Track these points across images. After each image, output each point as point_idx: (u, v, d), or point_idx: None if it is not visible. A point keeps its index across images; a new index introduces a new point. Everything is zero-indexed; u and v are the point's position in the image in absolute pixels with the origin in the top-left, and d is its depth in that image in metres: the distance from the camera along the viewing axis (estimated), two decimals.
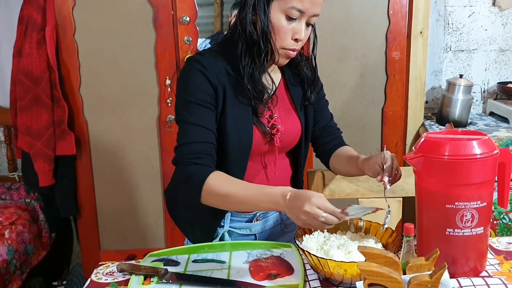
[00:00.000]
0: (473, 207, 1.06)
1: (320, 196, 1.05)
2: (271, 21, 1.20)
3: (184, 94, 1.23)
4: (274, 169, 1.36)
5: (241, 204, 1.17)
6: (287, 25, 1.20)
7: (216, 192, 1.17)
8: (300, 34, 1.21)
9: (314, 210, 1.02)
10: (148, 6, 2.19)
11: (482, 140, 1.07)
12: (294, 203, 1.06)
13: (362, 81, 2.27)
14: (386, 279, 0.83)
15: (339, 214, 1.05)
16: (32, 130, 2.21)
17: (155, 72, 2.26)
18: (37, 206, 2.57)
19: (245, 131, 1.26)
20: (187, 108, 1.22)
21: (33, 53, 2.16)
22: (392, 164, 1.20)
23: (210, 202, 1.20)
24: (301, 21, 1.21)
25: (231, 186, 1.17)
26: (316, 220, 1.03)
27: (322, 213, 1.03)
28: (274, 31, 1.21)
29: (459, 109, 2.40)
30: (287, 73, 1.37)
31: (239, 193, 1.15)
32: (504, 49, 2.63)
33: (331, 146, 1.46)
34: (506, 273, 1.11)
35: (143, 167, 2.35)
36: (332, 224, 1.05)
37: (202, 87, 1.21)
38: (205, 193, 1.17)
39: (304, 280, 1.11)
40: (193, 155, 1.20)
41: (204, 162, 1.20)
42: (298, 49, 1.26)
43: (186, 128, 1.22)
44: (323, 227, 1.07)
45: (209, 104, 1.22)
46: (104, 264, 1.27)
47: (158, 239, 2.44)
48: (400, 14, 2.21)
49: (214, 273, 1.17)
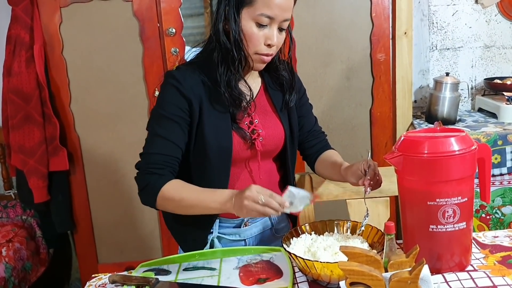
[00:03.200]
0: (454, 202, 1.08)
1: (261, 187, 1.13)
2: (242, 29, 1.23)
3: (158, 107, 1.29)
4: (259, 173, 1.38)
5: (194, 207, 1.23)
6: (258, 32, 1.23)
7: (171, 197, 1.24)
8: (272, 39, 1.23)
9: (254, 193, 1.10)
10: (134, 20, 2.22)
11: (460, 136, 1.09)
12: (237, 196, 1.14)
13: (348, 84, 2.29)
14: (367, 277, 0.85)
15: (278, 197, 1.12)
16: (25, 147, 2.23)
17: (143, 84, 2.28)
18: (34, 223, 2.58)
19: (224, 138, 1.29)
20: (158, 120, 1.28)
21: (23, 71, 2.18)
22: (374, 169, 1.23)
23: (166, 207, 1.28)
24: (272, 27, 1.23)
25: (184, 191, 1.24)
26: (257, 204, 1.10)
27: (261, 195, 1.10)
28: (246, 38, 1.23)
29: (447, 106, 2.42)
30: (266, 78, 1.39)
31: (191, 197, 1.23)
32: (489, 45, 2.66)
33: (316, 150, 1.48)
34: (491, 266, 1.12)
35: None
36: (273, 207, 1.10)
37: (175, 102, 1.26)
38: (160, 199, 1.25)
39: (292, 282, 1.13)
40: (154, 165, 1.26)
41: (163, 172, 1.26)
42: (272, 53, 1.27)
43: (153, 139, 1.29)
44: (265, 211, 1.11)
45: (180, 118, 1.27)
46: (97, 277, 1.29)
47: (155, 250, 2.46)
48: (383, 16, 2.24)
49: (204, 280, 1.18)
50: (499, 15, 2.61)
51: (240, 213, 1.15)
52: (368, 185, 1.21)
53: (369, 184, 1.21)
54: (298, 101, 1.45)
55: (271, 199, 1.11)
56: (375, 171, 1.23)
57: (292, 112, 1.42)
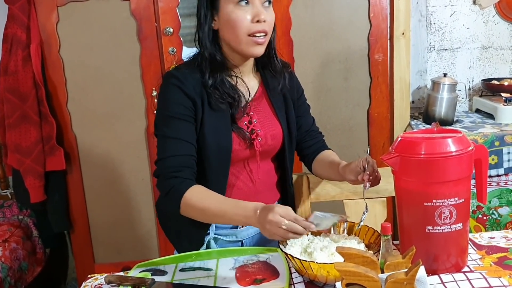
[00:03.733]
0: (451, 203, 1.08)
1: (286, 207, 1.09)
2: (225, 19, 1.22)
3: (163, 109, 1.27)
4: (258, 173, 1.37)
5: (217, 218, 1.22)
6: (242, 12, 1.20)
7: (194, 206, 1.22)
8: (259, 15, 1.20)
9: (277, 218, 1.06)
10: (131, 19, 2.21)
11: (457, 137, 1.09)
12: (261, 215, 1.11)
13: (346, 84, 2.29)
14: (363, 278, 0.85)
15: (303, 222, 1.08)
16: (21, 147, 2.22)
17: (141, 84, 2.28)
18: (30, 223, 2.57)
19: (223, 137, 1.28)
20: (166, 122, 1.26)
21: (19, 70, 2.18)
22: (373, 165, 1.23)
23: (190, 214, 1.25)
24: (254, 3, 1.21)
25: (207, 200, 1.21)
26: (279, 228, 1.06)
27: (285, 220, 1.06)
28: (231, 25, 1.21)
29: (445, 107, 2.42)
30: (264, 78, 1.39)
31: (215, 207, 1.20)
32: (487, 46, 2.66)
33: (313, 150, 1.48)
34: (487, 268, 1.12)
35: (133, 179, 2.37)
36: (297, 232, 1.07)
37: (180, 101, 1.25)
38: (184, 205, 1.23)
39: (289, 283, 1.12)
40: (173, 169, 1.23)
41: (184, 175, 1.23)
42: (265, 30, 1.23)
43: (165, 142, 1.26)
44: (288, 236, 1.08)
45: (187, 117, 1.26)
46: (93, 277, 1.28)
47: (152, 250, 2.45)
48: (381, 16, 2.24)
49: (201, 281, 1.18)
50: (497, 16, 2.61)
51: (263, 233, 1.12)
52: (367, 180, 1.21)
53: (368, 179, 1.21)
54: (296, 101, 1.45)
55: (295, 223, 1.07)
56: (374, 167, 1.22)
57: (290, 112, 1.41)
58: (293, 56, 2.24)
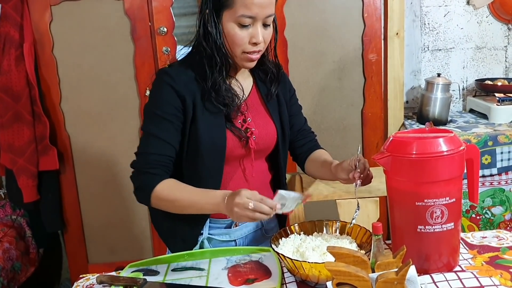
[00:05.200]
0: (442, 203, 1.08)
1: (252, 191, 1.12)
2: (224, 31, 1.23)
3: (152, 106, 1.29)
4: (252, 172, 1.37)
5: (188, 208, 1.25)
6: (242, 32, 1.22)
7: (165, 198, 1.25)
8: (257, 38, 1.22)
9: (244, 200, 1.09)
10: (125, 18, 2.21)
11: (448, 137, 1.09)
12: (229, 200, 1.14)
13: (340, 84, 2.29)
14: (354, 278, 0.85)
15: (268, 201, 1.10)
16: (14, 146, 2.21)
17: (135, 83, 2.27)
18: (24, 223, 2.55)
19: (218, 135, 1.29)
20: (152, 120, 1.28)
21: (12, 70, 2.17)
22: (364, 163, 1.23)
23: (160, 207, 1.28)
24: (256, 25, 1.22)
25: (178, 192, 1.25)
26: (246, 209, 1.09)
27: (251, 201, 1.09)
28: (229, 40, 1.23)
29: (439, 107, 2.43)
30: (257, 76, 1.39)
31: (185, 198, 1.24)
32: (481, 46, 2.67)
33: (306, 149, 1.48)
34: (478, 267, 1.12)
35: (127, 179, 2.32)
36: (262, 211, 1.09)
37: (169, 100, 1.26)
38: (154, 199, 1.26)
39: (281, 283, 1.12)
40: (149, 165, 1.27)
41: (157, 172, 1.26)
42: (260, 50, 1.26)
43: (148, 138, 1.29)
44: (255, 216, 1.10)
45: (174, 117, 1.27)
46: (85, 277, 1.28)
47: (146, 250, 2.45)
48: (374, 16, 2.24)
49: (193, 281, 1.18)
50: (490, 17, 2.62)
51: (231, 217, 1.15)
52: (358, 178, 1.21)
53: (359, 177, 1.21)
54: (289, 101, 1.45)
55: (262, 203, 1.10)
56: (365, 166, 1.23)
57: (283, 111, 1.41)
58: (287, 56, 2.24)
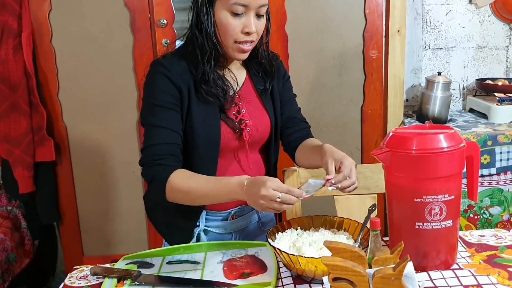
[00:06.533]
0: (441, 200, 1.07)
1: (275, 179, 1.08)
2: (216, 20, 1.21)
3: (149, 97, 1.26)
4: (248, 163, 1.36)
5: (203, 198, 1.20)
6: (234, 21, 1.20)
7: (179, 189, 1.20)
8: (249, 27, 1.21)
9: (270, 192, 1.05)
10: (125, 10, 2.19)
11: (449, 133, 1.08)
12: (251, 190, 1.09)
13: (340, 80, 2.28)
14: (350, 273, 0.83)
15: (296, 191, 1.07)
16: (11, 137, 2.20)
17: (133, 76, 2.25)
18: (19, 214, 2.54)
19: (212, 127, 1.27)
20: (152, 111, 1.25)
21: (10, 59, 2.14)
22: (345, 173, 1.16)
23: (176, 199, 1.23)
24: (249, 14, 1.21)
25: (191, 182, 1.20)
26: (274, 202, 1.06)
27: (278, 193, 1.05)
28: (221, 29, 1.22)
29: (438, 106, 2.42)
30: (251, 68, 1.38)
31: (199, 188, 1.19)
32: (482, 46, 2.66)
33: (296, 137, 1.43)
34: (476, 265, 1.11)
35: (124, 172, 2.35)
36: (291, 203, 1.07)
37: (166, 89, 1.24)
38: (168, 191, 1.21)
39: (276, 278, 1.11)
40: (157, 156, 1.22)
41: (168, 162, 1.22)
42: (252, 40, 1.25)
43: (151, 130, 1.25)
44: (282, 208, 1.08)
45: (173, 105, 1.25)
46: (78, 268, 1.27)
47: (141, 243, 2.44)
48: (376, 13, 2.23)
49: (187, 274, 1.16)
50: (492, 16, 2.61)
51: (255, 207, 1.11)
52: (330, 185, 1.16)
53: (332, 184, 1.16)
54: (282, 87, 1.43)
55: (289, 194, 1.07)
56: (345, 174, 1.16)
57: (277, 103, 1.40)
58: (287, 50, 2.22)
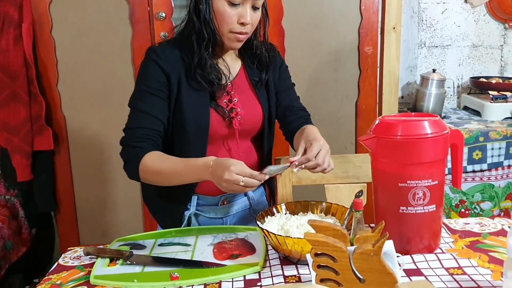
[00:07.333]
0: (425, 185, 1.10)
1: (239, 163, 1.12)
2: (214, 8, 1.25)
3: (139, 83, 1.32)
4: (238, 152, 1.39)
5: (173, 178, 1.25)
6: (231, 11, 1.24)
7: (150, 169, 1.25)
8: (245, 18, 1.24)
9: (234, 176, 1.10)
10: (124, 2, 2.22)
11: (433, 120, 1.11)
12: (216, 172, 1.13)
13: (335, 75, 2.31)
14: (331, 249, 0.86)
15: (258, 175, 1.12)
16: (10, 125, 2.23)
17: (132, 67, 2.28)
18: (17, 203, 2.57)
19: (201, 114, 1.31)
20: (140, 96, 1.31)
21: (10, 49, 2.18)
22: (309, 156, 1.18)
23: (148, 179, 1.29)
24: (245, 5, 1.24)
25: (162, 163, 1.25)
26: (236, 185, 1.11)
27: (241, 177, 1.10)
28: (218, 17, 1.25)
29: (433, 102, 2.45)
30: (246, 59, 1.41)
31: (168, 168, 1.24)
32: (477, 44, 2.69)
33: (294, 126, 1.42)
34: (458, 250, 1.14)
35: (121, 162, 2.35)
36: (253, 186, 1.12)
37: (155, 76, 1.29)
38: (141, 172, 1.27)
39: (264, 259, 1.14)
40: (136, 139, 1.29)
41: (144, 145, 1.28)
42: (247, 32, 1.28)
43: (135, 114, 1.32)
44: (244, 190, 1.14)
45: (161, 92, 1.29)
46: (72, 249, 1.30)
47: (137, 232, 2.43)
48: (372, 9, 2.26)
49: (178, 255, 1.20)
50: (487, 15, 2.65)
51: (220, 188, 1.15)
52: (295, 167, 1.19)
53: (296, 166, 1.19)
54: (278, 77, 1.45)
55: (252, 179, 1.11)
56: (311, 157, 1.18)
57: (272, 94, 1.43)
58: (284, 45, 2.25)
